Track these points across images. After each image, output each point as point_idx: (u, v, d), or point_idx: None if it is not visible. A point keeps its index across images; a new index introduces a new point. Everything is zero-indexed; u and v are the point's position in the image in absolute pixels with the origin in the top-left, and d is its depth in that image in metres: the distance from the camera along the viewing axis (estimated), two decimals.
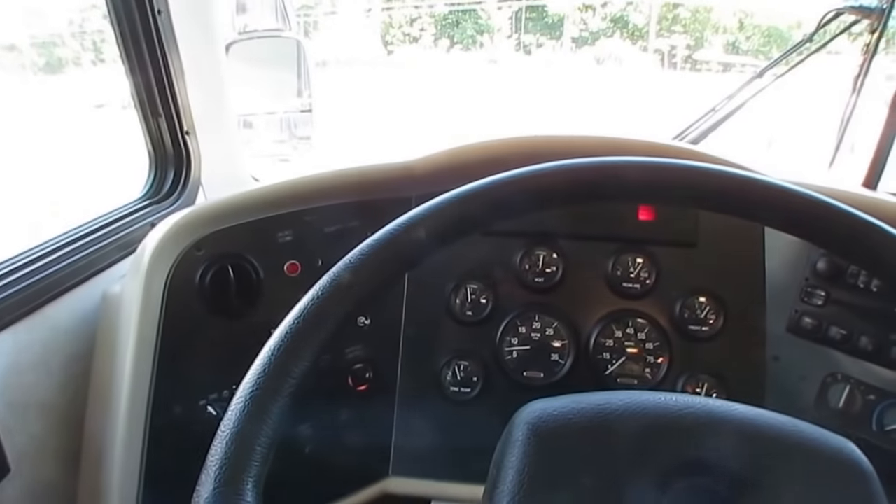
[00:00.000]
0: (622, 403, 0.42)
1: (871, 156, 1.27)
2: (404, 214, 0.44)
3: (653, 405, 0.42)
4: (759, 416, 0.41)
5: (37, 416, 0.80)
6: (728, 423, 0.41)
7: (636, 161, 0.45)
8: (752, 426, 0.41)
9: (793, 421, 0.41)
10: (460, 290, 0.90)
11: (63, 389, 0.83)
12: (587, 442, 0.41)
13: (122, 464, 0.75)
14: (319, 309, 0.41)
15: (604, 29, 11.79)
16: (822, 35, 1.26)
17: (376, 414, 0.89)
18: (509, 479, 0.40)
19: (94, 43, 3.63)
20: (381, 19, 11.76)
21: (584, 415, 0.42)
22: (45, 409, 0.81)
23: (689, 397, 0.43)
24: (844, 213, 0.42)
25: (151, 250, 0.76)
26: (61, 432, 0.83)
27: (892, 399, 0.79)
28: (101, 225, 0.92)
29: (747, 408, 0.42)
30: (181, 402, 0.78)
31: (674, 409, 0.42)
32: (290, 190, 0.85)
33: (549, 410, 0.43)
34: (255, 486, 0.37)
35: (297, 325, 0.40)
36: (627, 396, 0.43)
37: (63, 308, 0.84)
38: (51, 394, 0.82)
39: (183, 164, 1.04)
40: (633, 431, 0.41)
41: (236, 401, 0.39)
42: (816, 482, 0.39)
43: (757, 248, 0.87)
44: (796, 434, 0.40)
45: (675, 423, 0.41)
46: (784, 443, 0.40)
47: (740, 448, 0.40)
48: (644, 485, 0.39)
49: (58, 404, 0.83)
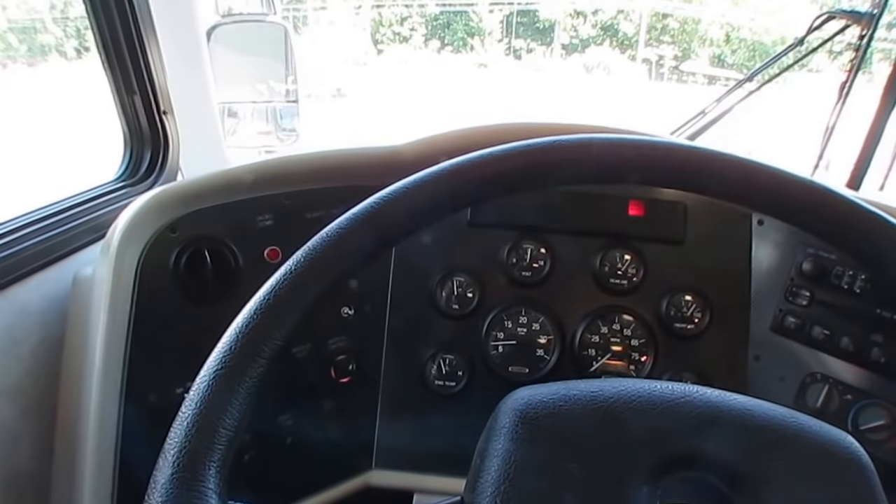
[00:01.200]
0: (616, 391, 0.40)
1: (855, 157, 1.28)
2: (384, 189, 0.42)
3: (647, 393, 0.40)
4: (757, 406, 0.40)
5: (7, 403, 0.77)
6: (726, 413, 0.39)
7: (615, 139, 0.43)
8: (750, 417, 0.39)
9: (791, 412, 0.40)
10: (446, 283, 0.88)
11: (33, 376, 0.80)
12: (578, 430, 0.39)
13: (95, 452, 0.72)
14: (293, 285, 0.38)
15: (594, 36, 11.90)
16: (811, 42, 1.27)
17: (359, 406, 0.88)
18: (494, 467, 0.38)
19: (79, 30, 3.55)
20: (371, 17, 11.74)
21: (576, 402, 0.40)
22: (14, 396, 0.78)
23: (686, 386, 0.41)
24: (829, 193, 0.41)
25: (122, 229, 0.73)
26: (33, 419, 0.80)
27: (869, 399, 0.80)
28: (73, 205, 0.89)
29: (745, 398, 0.41)
30: (156, 390, 0.75)
31: (670, 398, 0.40)
32: (271, 171, 0.83)
33: (537, 397, 0.41)
34: (217, 472, 0.34)
35: (267, 302, 0.38)
36: (621, 384, 0.41)
37: (32, 290, 0.80)
38: (21, 380, 0.79)
39: (160, 145, 1.01)
40: (626, 420, 0.39)
41: (199, 380, 0.36)
42: (816, 475, 0.38)
43: (744, 248, 0.87)
44: (795, 426, 0.39)
45: (672, 412, 0.39)
46: (783, 435, 0.39)
47: (738, 439, 0.38)
48: (638, 476, 0.37)
49: (28, 391, 0.80)
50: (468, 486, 0.40)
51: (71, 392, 0.78)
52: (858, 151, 1.27)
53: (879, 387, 0.79)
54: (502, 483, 0.37)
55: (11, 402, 0.78)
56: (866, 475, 0.37)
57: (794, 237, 0.84)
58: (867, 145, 1.26)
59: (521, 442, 0.38)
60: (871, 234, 0.41)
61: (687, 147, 0.43)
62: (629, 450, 0.38)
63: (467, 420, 0.87)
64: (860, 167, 1.29)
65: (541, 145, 0.42)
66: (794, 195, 0.41)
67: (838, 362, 0.82)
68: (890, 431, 0.77)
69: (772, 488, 0.37)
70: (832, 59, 1.47)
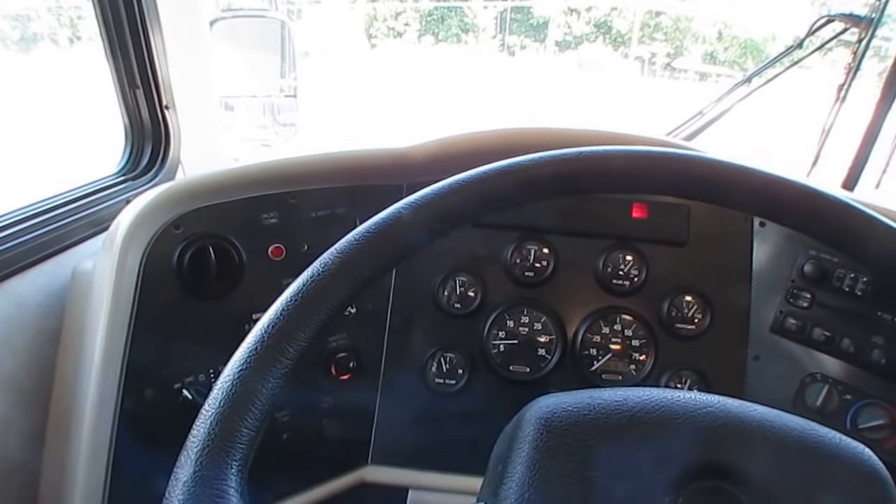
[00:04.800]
0: (639, 401, 0.41)
1: (851, 157, 1.29)
2: (407, 197, 0.42)
3: (670, 403, 0.40)
4: (777, 417, 0.40)
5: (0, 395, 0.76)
6: (747, 424, 0.40)
7: (624, 151, 0.44)
8: (771, 428, 0.40)
9: (811, 424, 0.40)
10: (448, 282, 0.88)
11: (28, 368, 0.80)
12: (602, 439, 0.39)
13: (89, 447, 0.71)
14: (320, 287, 0.38)
15: (587, 34, 11.91)
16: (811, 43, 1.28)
17: (358, 403, 0.88)
18: (518, 474, 0.38)
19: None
20: (365, 11, 11.67)
21: (600, 412, 0.40)
22: (7, 387, 0.78)
23: (708, 396, 0.42)
24: (838, 203, 0.42)
25: (127, 225, 0.72)
26: (25, 410, 0.80)
27: (868, 399, 0.81)
28: (73, 199, 0.88)
29: (765, 409, 0.41)
30: (154, 385, 0.75)
31: (692, 409, 0.40)
32: (277, 170, 0.82)
33: (562, 406, 0.41)
34: (239, 472, 0.34)
35: (294, 303, 0.37)
36: (644, 393, 0.41)
37: (30, 283, 0.80)
38: (15, 372, 0.79)
39: (161, 140, 1.00)
40: (650, 430, 0.39)
41: (223, 379, 0.36)
42: (835, 487, 0.38)
43: (745, 249, 0.88)
44: (815, 438, 0.39)
45: (694, 423, 0.40)
46: (803, 447, 0.39)
47: (759, 451, 0.39)
48: (661, 486, 0.38)
49: (22, 382, 0.79)
50: (488, 491, 0.40)
51: (66, 385, 0.78)
52: (855, 150, 1.28)
53: (879, 387, 0.81)
54: (526, 490, 0.37)
55: (4, 392, 0.77)
56: (886, 487, 0.38)
57: (796, 239, 0.85)
58: (864, 144, 1.27)
59: (546, 450, 0.39)
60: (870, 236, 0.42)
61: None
62: (652, 460, 0.39)
63: (467, 418, 0.88)
64: (857, 166, 1.31)
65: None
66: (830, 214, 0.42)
67: (838, 363, 0.83)
68: (888, 431, 0.78)
69: (792, 500, 0.37)
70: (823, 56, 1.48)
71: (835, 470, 0.38)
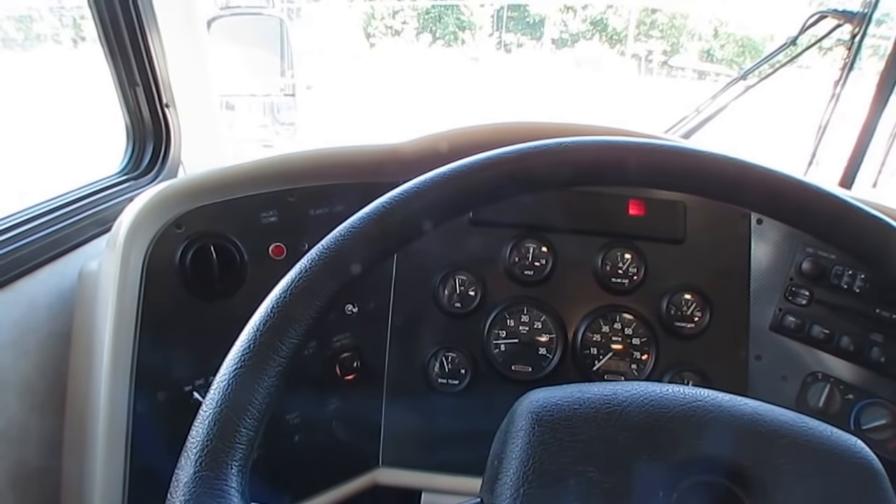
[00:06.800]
0: (629, 395, 0.41)
1: (847, 156, 1.30)
2: (394, 189, 0.42)
3: (660, 397, 0.41)
4: (767, 410, 0.41)
5: (15, 398, 0.76)
6: (738, 417, 0.40)
7: (633, 143, 0.44)
8: (762, 422, 0.40)
9: (801, 417, 0.41)
10: (448, 281, 0.88)
11: (41, 370, 0.79)
12: (594, 433, 0.39)
13: (105, 451, 0.71)
14: (310, 283, 0.38)
15: (583, 31, 11.91)
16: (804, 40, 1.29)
17: (365, 403, 0.87)
18: (512, 470, 0.38)
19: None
20: (363, 10, 11.65)
21: (591, 405, 0.40)
22: (23, 391, 0.77)
23: (698, 390, 0.42)
24: (838, 201, 0.42)
25: (128, 225, 0.72)
26: (43, 415, 0.79)
27: (870, 398, 0.81)
28: (76, 199, 0.87)
29: (756, 402, 0.41)
30: (165, 388, 0.75)
31: (682, 402, 0.40)
32: (274, 167, 0.82)
33: (552, 400, 0.41)
34: (240, 472, 0.34)
35: (285, 300, 0.37)
36: (633, 388, 0.42)
37: (39, 284, 0.80)
38: (29, 374, 0.79)
39: (162, 139, 1.00)
40: (641, 423, 0.40)
41: (219, 379, 0.36)
42: (827, 480, 0.38)
43: (743, 247, 0.88)
44: (806, 431, 0.40)
45: (684, 416, 0.40)
46: (795, 440, 0.39)
47: (750, 444, 0.39)
48: (653, 480, 0.38)
49: (36, 385, 0.79)
50: (486, 488, 0.40)
51: (80, 388, 0.77)
52: (851, 148, 1.29)
53: (880, 386, 0.80)
54: (521, 486, 0.38)
55: (20, 396, 0.77)
56: (878, 480, 0.38)
57: (794, 237, 0.85)
58: (860, 142, 1.27)
59: (539, 445, 0.39)
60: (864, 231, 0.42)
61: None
62: (644, 454, 0.39)
63: (471, 418, 0.88)
64: (853, 164, 1.31)
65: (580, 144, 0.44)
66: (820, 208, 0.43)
67: (839, 362, 0.83)
68: (892, 431, 0.78)
69: (784, 493, 0.38)
70: (823, 55, 1.49)
71: (826, 462, 0.39)
